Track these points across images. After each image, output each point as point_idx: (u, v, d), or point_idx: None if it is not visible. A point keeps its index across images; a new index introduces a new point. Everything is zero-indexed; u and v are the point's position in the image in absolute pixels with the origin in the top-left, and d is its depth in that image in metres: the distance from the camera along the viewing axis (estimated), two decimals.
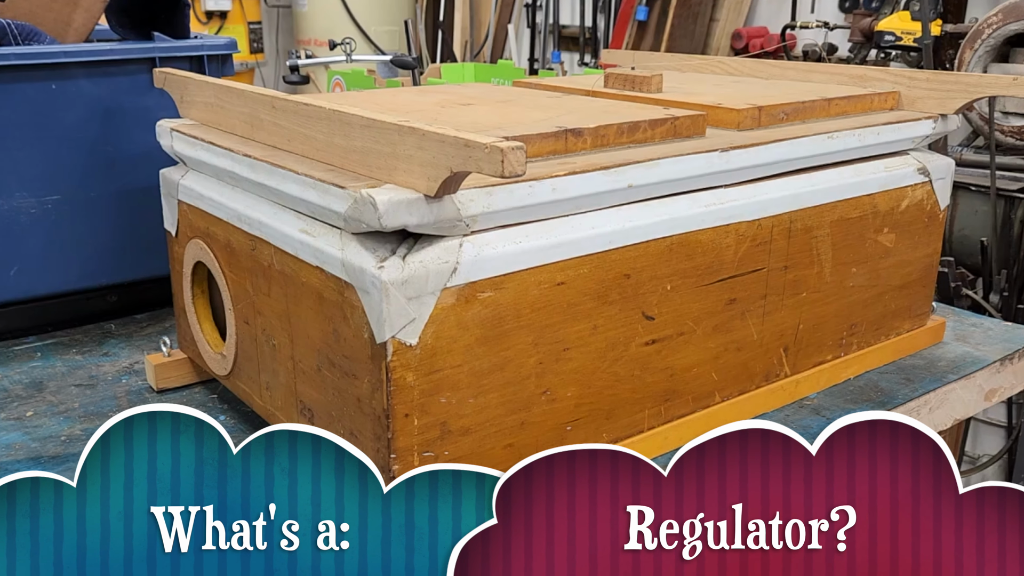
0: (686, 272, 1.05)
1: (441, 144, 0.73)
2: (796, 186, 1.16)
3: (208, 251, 1.13)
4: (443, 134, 0.73)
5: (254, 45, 5.50)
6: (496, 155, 0.68)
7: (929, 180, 1.32)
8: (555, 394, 0.94)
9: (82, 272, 1.46)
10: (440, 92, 1.33)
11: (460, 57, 5.40)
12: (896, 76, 1.37)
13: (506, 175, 0.69)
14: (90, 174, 1.43)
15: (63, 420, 1.20)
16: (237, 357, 1.13)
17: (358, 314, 0.83)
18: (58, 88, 1.37)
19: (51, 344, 1.44)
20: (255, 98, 1.03)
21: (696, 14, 4.49)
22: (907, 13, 3.35)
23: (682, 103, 1.19)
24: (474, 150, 0.70)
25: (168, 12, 1.51)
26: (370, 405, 0.89)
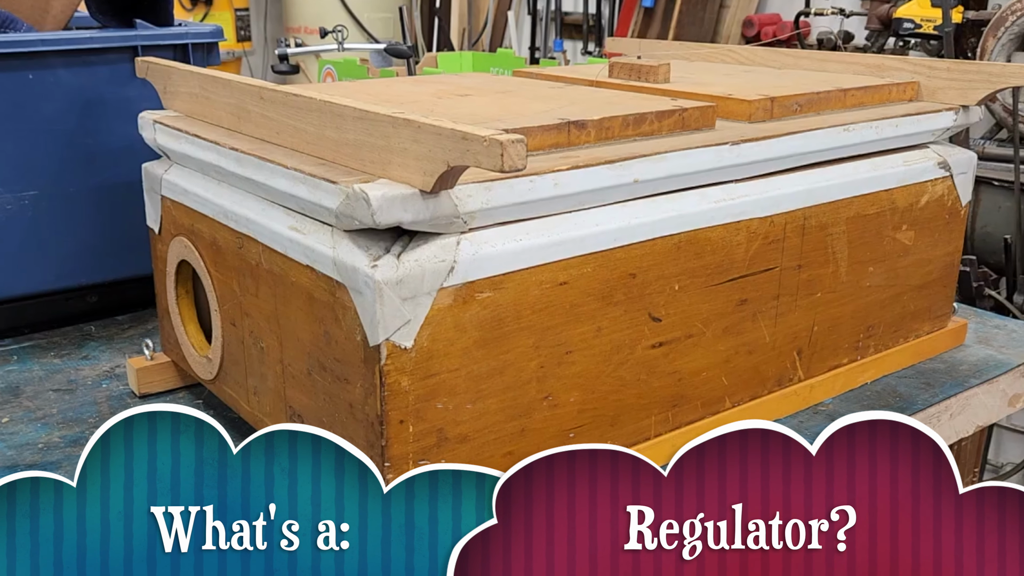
0: (695, 271, 1.05)
1: (438, 137, 0.73)
2: (810, 181, 1.15)
3: (193, 249, 1.13)
4: (439, 126, 0.73)
5: (241, 33, 5.50)
6: (495, 148, 0.68)
7: (950, 175, 1.31)
8: (557, 399, 0.94)
9: (60, 271, 1.46)
10: (436, 82, 1.33)
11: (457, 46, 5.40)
12: (915, 65, 1.37)
13: (506, 169, 0.69)
14: (69, 168, 1.42)
15: (40, 427, 1.20)
16: (223, 361, 1.13)
17: (350, 315, 0.83)
18: (35, 78, 1.37)
19: (28, 347, 1.44)
20: (242, 89, 1.03)
21: (705, 0, 4.49)
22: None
23: (690, 94, 1.19)
24: (472, 143, 0.70)
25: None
26: (363, 411, 0.89)
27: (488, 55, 2.54)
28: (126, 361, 1.31)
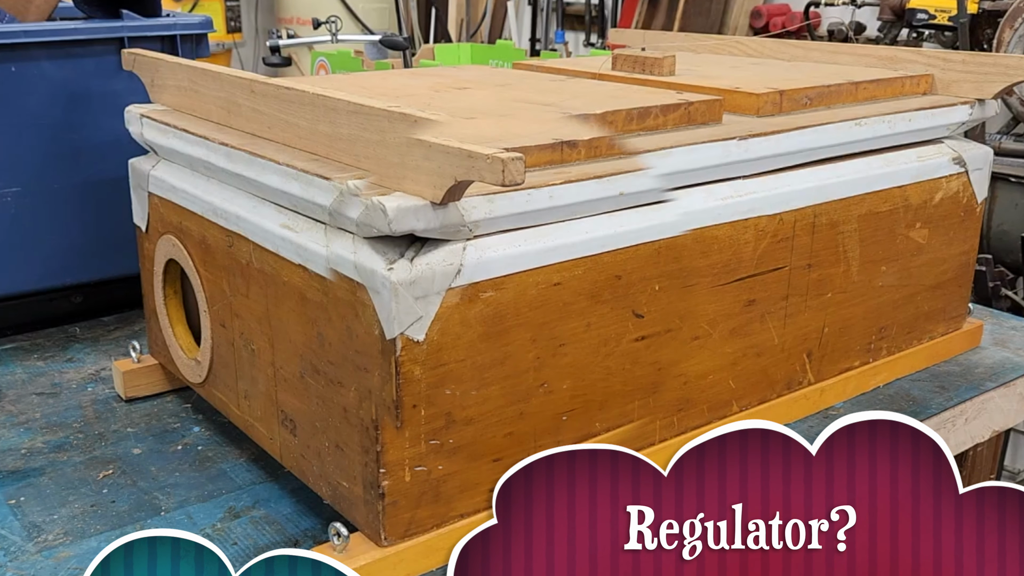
0: (696, 272, 1.06)
1: (446, 155, 0.80)
2: (821, 177, 1.16)
3: (181, 248, 1.14)
4: (448, 146, 0.80)
5: (231, 24, 5.50)
6: (497, 165, 0.75)
7: (965, 171, 1.32)
8: (552, 386, 1.00)
9: (44, 271, 1.46)
10: (434, 75, 1.33)
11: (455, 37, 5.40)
12: (929, 58, 1.37)
13: (506, 184, 0.76)
14: (53, 164, 1.43)
15: (24, 432, 1.20)
16: (212, 363, 1.13)
17: (369, 312, 0.88)
18: (18, 70, 1.37)
19: (10, 349, 1.44)
20: (232, 82, 1.03)
21: None
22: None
23: (697, 87, 1.19)
24: (477, 160, 0.77)
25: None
26: (357, 415, 0.90)
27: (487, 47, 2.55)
28: (112, 364, 1.31)
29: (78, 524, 1.01)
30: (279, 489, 1.07)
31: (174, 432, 1.20)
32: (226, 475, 1.10)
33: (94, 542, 0.97)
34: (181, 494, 1.06)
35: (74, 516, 1.02)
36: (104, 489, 1.07)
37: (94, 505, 1.04)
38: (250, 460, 1.13)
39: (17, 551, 0.96)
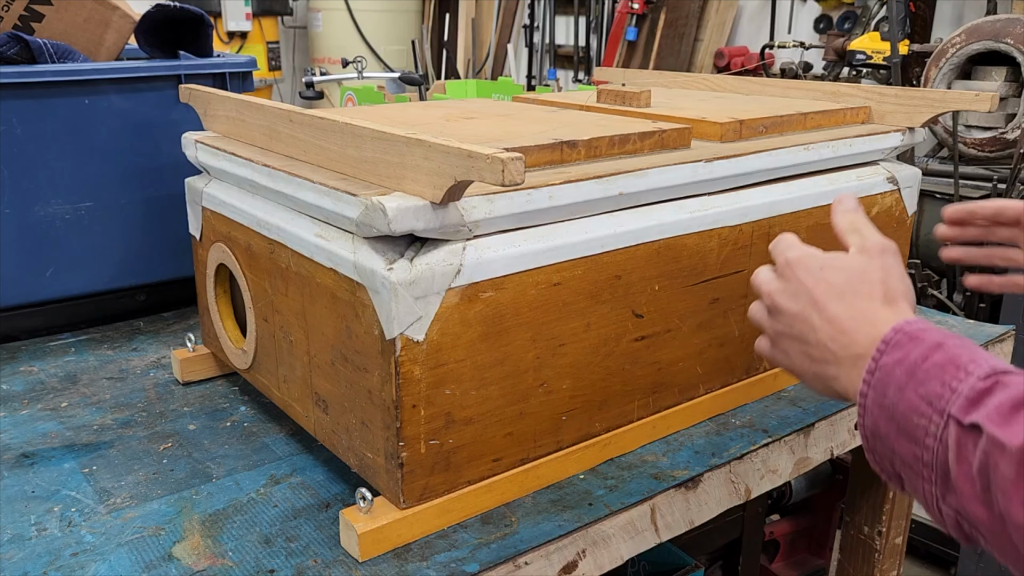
0: (673, 273, 1.05)
1: (446, 155, 0.74)
2: (774, 194, 1.15)
3: (230, 254, 1.13)
4: (448, 146, 0.74)
5: (272, 63, 5.50)
6: (497, 165, 0.69)
7: (898, 188, 1.31)
8: (551, 386, 0.95)
9: (113, 273, 1.46)
10: (445, 107, 1.33)
11: (463, 74, 5.40)
12: (867, 92, 1.37)
13: (506, 184, 0.69)
14: (121, 182, 1.42)
15: (95, 410, 1.20)
16: (257, 352, 1.13)
17: (369, 312, 0.83)
18: (91, 103, 1.37)
19: (84, 340, 1.44)
20: (273, 112, 1.03)
21: (681, 34, 4.49)
22: (877, 34, 3.35)
23: (669, 117, 1.19)
24: (477, 160, 0.71)
25: (193, 32, 1.50)
26: (380, 397, 0.88)
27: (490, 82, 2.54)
28: (171, 352, 1.30)
29: (142, 489, 1.00)
30: (313, 459, 1.07)
31: (224, 411, 1.20)
32: (268, 448, 1.10)
33: (155, 505, 0.97)
34: (230, 464, 1.06)
35: (138, 482, 1.02)
36: (164, 459, 1.07)
37: (155, 473, 1.04)
38: (289, 435, 1.13)
39: (90, 512, 0.96)
